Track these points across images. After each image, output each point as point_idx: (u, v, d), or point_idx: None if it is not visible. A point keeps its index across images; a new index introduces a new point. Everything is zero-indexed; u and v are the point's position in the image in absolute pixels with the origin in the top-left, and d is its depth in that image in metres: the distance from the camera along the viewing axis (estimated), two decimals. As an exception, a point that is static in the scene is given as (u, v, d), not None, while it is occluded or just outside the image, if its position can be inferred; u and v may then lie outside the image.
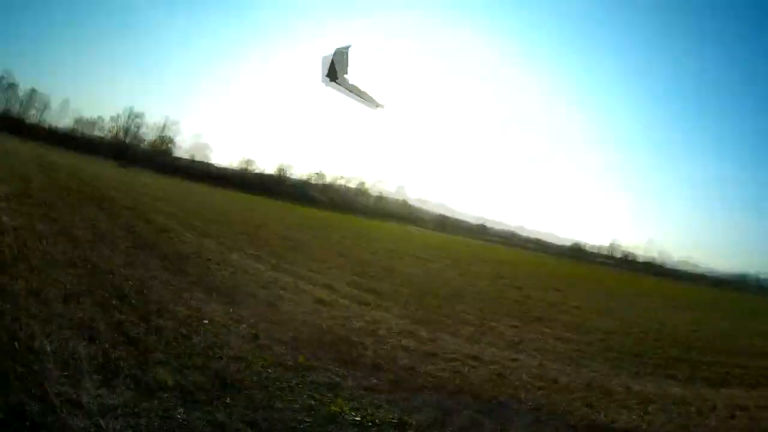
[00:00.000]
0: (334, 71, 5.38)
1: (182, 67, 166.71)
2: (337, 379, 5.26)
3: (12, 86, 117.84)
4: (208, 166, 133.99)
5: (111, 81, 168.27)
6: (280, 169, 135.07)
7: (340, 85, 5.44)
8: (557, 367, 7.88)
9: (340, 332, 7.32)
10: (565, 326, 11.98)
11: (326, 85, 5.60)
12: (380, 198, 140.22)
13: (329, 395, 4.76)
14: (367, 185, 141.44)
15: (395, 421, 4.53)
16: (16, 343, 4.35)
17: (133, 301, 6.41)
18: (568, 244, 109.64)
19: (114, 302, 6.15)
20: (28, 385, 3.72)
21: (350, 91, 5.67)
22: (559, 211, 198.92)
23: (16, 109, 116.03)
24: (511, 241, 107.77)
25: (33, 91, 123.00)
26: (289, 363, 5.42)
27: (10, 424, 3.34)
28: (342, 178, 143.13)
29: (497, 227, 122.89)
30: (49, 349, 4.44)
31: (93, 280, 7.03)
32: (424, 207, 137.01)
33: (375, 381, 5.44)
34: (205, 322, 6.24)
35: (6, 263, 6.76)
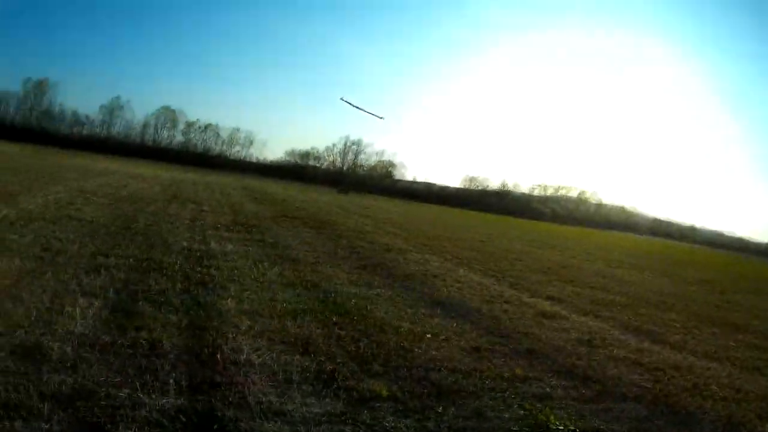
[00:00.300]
0: None
1: (386, 91, 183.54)
2: (548, 389, 5.45)
3: (209, 126, 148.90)
4: (430, 186, 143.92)
5: (312, 112, 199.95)
6: (503, 184, 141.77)
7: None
8: (746, 377, 7.47)
9: (557, 343, 7.62)
10: (765, 334, 11.52)
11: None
12: (599, 206, 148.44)
13: (539, 405, 4.88)
14: (588, 194, 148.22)
15: (594, 431, 4.65)
16: (218, 356, 4.92)
17: (355, 318, 7.03)
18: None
19: (335, 319, 6.80)
20: (226, 393, 4.15)
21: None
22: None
23: (218, 147, 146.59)
24: (717, 242, 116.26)
25: (236, 130, 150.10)
26: (506, 374, 5.66)
27: (199, 428, 3.73)
28: (563, 188, 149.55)
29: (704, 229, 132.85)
30: (256, 362, 4.97)
31: (313, 298, 7.90)
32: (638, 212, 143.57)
33: (583, 391, 5.62)
34: (428, 336, 6.67)
35: (216, 284, 7.94)
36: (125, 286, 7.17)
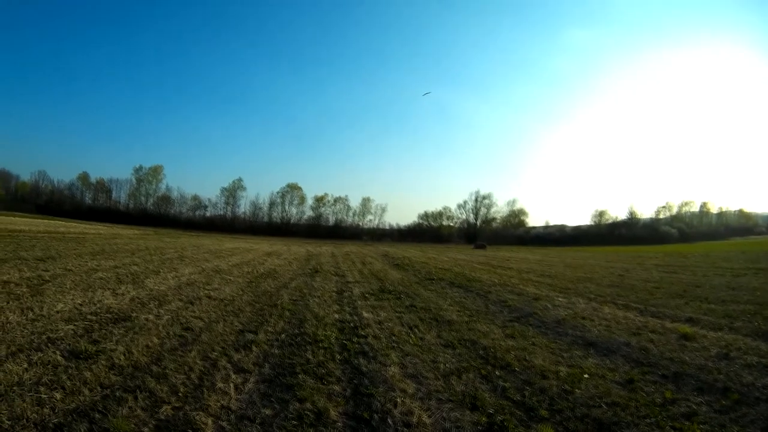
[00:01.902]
0: None
1: (504, 139, 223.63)
2: (694, 407, 6.19)
3: (339, 199, 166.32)
4: (562, 228, 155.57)
5: (440, 173, 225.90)
6: (631, 212, 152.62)
7: None
8: None
9: (699, 362, 8.36)
10: None
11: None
12: (720, 214, 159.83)
13: (686, 423, 5.64)
14: (708, 204, 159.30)
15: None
16: (389, 420, 5.52)
17: (516, 369, 7.71)
18: None
19: (497, 372, 7.50)
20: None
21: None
22: None
23: (350, 218, 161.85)
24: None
25: (367, 199, 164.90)
26: (657, 400, 6.39)
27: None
28: (685, 203, 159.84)
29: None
30: (428, 421, 5.56)
31: (473, 356, 8.55)
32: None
33: (723, 402, 6.35)
34: (586, 376, 7.35)
35: (376, 352, 8.53)
36: (281, 361, 7.80)
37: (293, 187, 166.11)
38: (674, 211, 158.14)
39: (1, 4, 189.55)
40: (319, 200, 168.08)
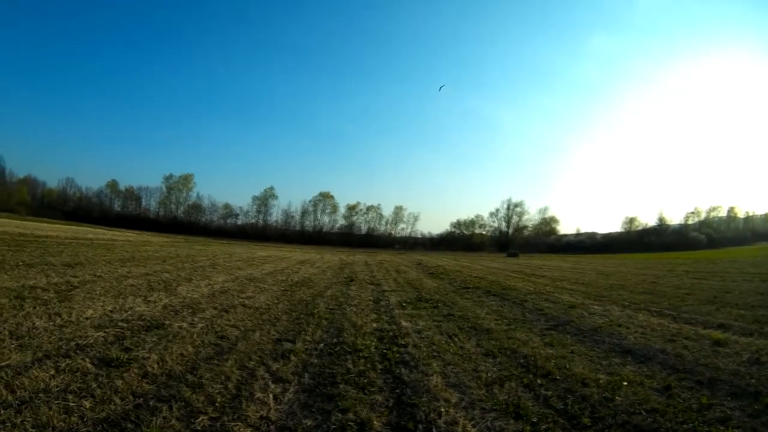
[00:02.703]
0: None
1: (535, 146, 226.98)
2: (728, 412, 6.32)
3: (372, 208, 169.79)
4: (593, 236, 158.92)
5: (470, 181, 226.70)
6: (660, 218, 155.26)
7: None
8: None
9: (732, 367, 8.54)
10: None
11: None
12: (747, 218, 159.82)
13: (721, 428, 5.79)
14: (736, 209, 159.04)
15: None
16: (434, 430, 5.57)
17: (557, 377, 7.80)
18: None
19: (539, 381, 7.57)
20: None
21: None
22: None
23: (383, 227, 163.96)
24: None
25: (399, 208, 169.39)
26: (694, 406, 6.51)
27: None
28: (713, 209, 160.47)
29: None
30: (473, 431, 5.61)
31: (514, 365, 8.62)
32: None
33: (755, 407, 6.45)
34: (625, 383, 7.46)
35: (417, 361, 8.58)
36: (321, 371, 7.80)
37: (325, 196, 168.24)
38: (702, 216, 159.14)
39: (32, 14, 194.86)
40: (352, 209, 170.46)
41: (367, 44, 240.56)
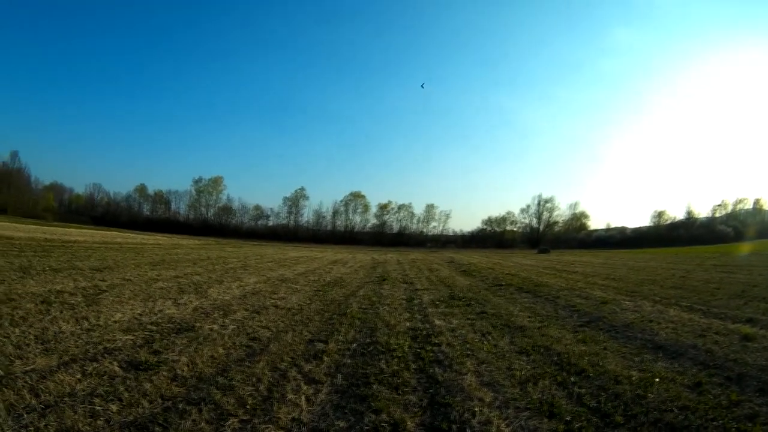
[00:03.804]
0: None
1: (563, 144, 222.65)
2: (756, 408, 6.42)
3: (403, 206, 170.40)
4: (623, 230, 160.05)
5: (500, 178, 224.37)
6: (688, 212, 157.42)
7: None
8: None
9: (760, 363, 8.65)
10: None
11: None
12: None
13: (749, 425, 5.85)
14: (762, 200, 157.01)
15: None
16: (468, 430, 5.59)
17: (590, 375, 7.87)
18: None
19: (572, 379, 7.61)
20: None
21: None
22: None
23: (414, 225, 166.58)
24: None
25: (431, 206, 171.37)
26: (723, 402, 6.59)
27: None
28: (740, 201, 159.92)
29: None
30: (507, 430, 5.63)
31: (548, 362, 8.66)
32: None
33: None
34: (657, 380, 7.50)
35: (451, 360, 8.58)
36: (354, 371, 7.80)
37: (356, 196, 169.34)
38: (729, 209, 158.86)
39: (58, 23, 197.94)
40: (383, 208, 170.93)
41: (395, 43, 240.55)
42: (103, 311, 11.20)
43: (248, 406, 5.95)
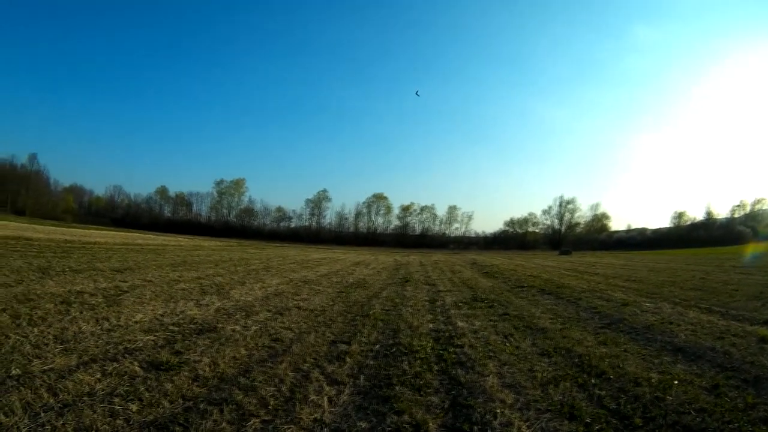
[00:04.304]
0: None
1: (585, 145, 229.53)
2: None
3: (426, 208, 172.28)
4: (643, 231, 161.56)
5: (523, 180, 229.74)
6: (708, 212, 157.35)
7: None
8: None
9: None
10: None
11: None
12: None
13: (764, 428, 5.89)
14: None
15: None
16: (489, 431, 5.66)
17: (611, 377, 7.90)
18: None
19: (593, 381, 7.64)
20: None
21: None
22: None
23: (437, 227, 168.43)
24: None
25: (453, 208, 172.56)
26: (740, 405, 6.61)
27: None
28: (758, 201, 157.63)
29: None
30: None
31: (569, 364, 8.70)
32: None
33: None
34: (675, 382, 7.56)
35: (474, 362, 8.65)
36: (376, 372, 7.83)
37: (379, 197, 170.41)
38: (748, 209, 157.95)
39: (80, 26, 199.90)
40: (406, 209, 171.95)
41: (418, 45, 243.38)
42: (124, 312, 11.32)
43: (270, 407, 5.98)
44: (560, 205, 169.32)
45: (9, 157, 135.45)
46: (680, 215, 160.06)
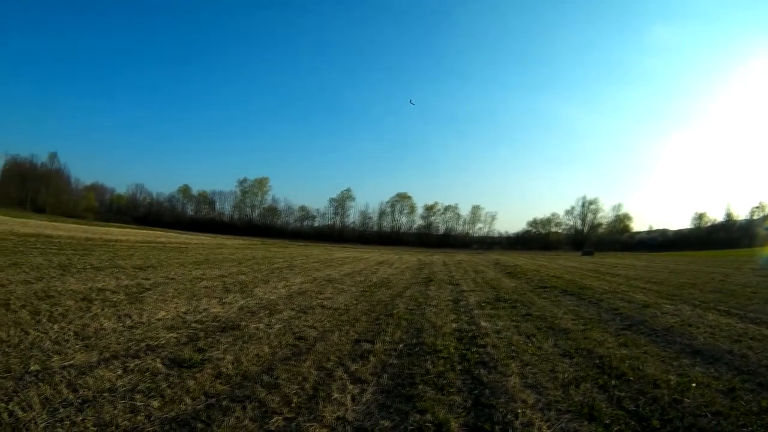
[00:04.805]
0: None
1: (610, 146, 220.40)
2: None
3: (450, 207, 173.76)
4: (664, 233, 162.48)
5: (547, 180, 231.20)
6: (728, 213, 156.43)
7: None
8: None
9: None
10: None
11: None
12: None
13: None
14: None
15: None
16: (510, 430, 5.71)
17: (630, 378, 7.96)
18: None
19: (613, 382, 7.69)
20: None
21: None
22: None
23: (460, 227, 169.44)
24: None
25: (477, 207, 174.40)
26: (755, 409, 6.64)
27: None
28: None
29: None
30: None
31: (590, 365, 8.75)
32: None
33: None
34: (693, 385, 7.63)
35: (496, 362, 8.71)
36: (400, 371, 7.90)
37: (403, 197, 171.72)
38: (767, 210, 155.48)
39: (102, 23, 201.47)
40: (429, 209, 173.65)
41: (441, 46, 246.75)
42: (147, 309, 11.42)
43: (293, 405, 6.03)
44: (583, 206, 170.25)
45: (29, 156, 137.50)
46: (701, 216, 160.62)
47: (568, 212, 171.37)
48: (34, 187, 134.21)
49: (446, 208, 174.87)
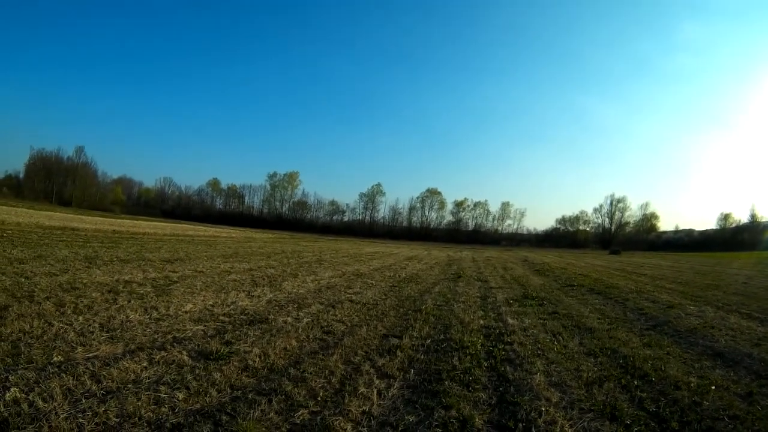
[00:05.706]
0: None
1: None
2: None
3: (479, 204, 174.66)
4: (690, 233, 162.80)
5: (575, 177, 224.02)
6: (753, 215, 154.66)
7: None
8: None
9: None
10: None
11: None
12: None
13: None
14: None
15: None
16: (533, 429, 5.76)
17: (653, 379, 8.06)
18: None
19: (635, 383, 7.76)
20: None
21: None
22: None
23: (489, 223, 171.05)
24: None
25: (506, 204, 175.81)
26: None
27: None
28: None
29: None
30: (570, 431, 5.84)
31: (614, 365, 8.86)
32: None
33: None
34: (713, 387, 7.67)
35: (522, 360, 8.83)
36: (426, 367, 7.96)
37: (433, 192, 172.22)
38: None
39: (133, 21, 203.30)
40: (459, 205, 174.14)
41: (475, 43, 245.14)
42: (174, 302, 11.55)
43: (319, 398, 6.09)
44: (611, 204, 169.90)
45: (55, 149, 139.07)
46: (726, 217, 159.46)
47: (597, 210, 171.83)
48: (59, 181, 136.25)
49: (476, 204, 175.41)
